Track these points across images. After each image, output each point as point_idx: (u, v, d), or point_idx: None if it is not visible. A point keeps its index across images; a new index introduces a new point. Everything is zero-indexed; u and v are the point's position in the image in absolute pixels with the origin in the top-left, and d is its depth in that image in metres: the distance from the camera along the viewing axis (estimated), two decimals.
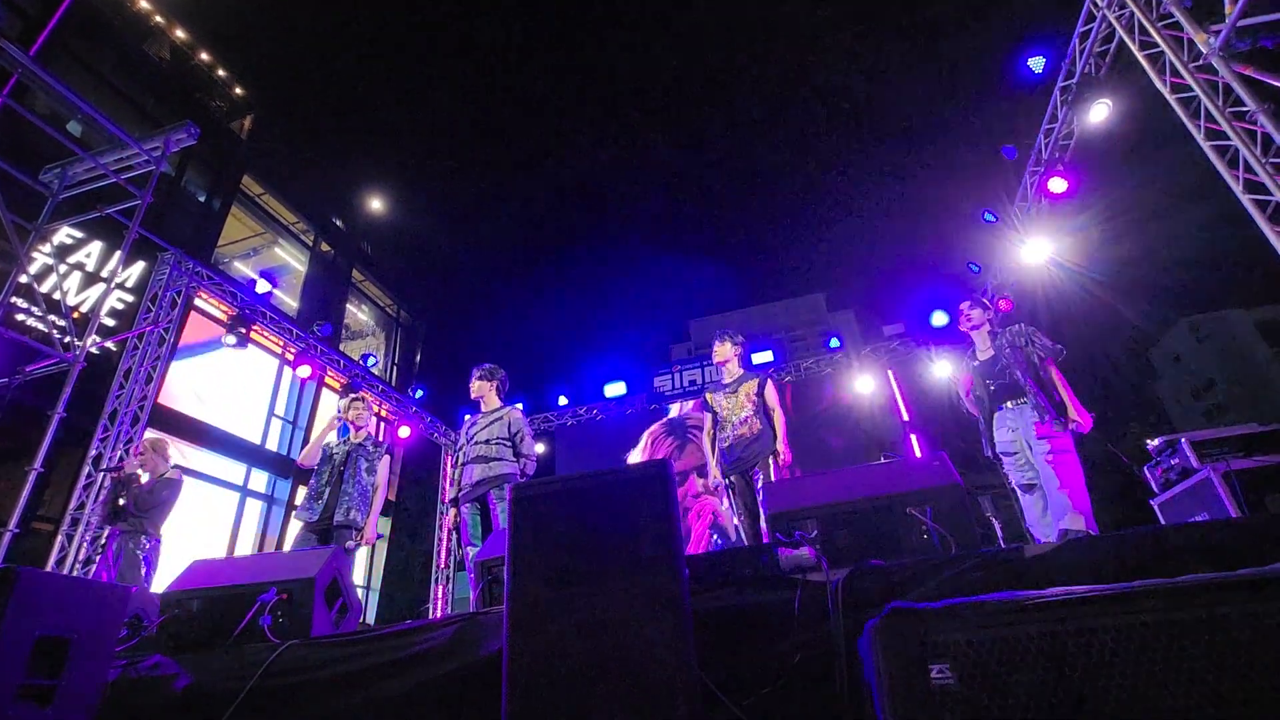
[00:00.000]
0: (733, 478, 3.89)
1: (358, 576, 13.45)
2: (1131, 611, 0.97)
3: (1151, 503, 3.81)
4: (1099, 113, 5.57)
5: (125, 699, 2.05)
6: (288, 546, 10.58)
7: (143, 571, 4.45)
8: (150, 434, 5.83)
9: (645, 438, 10.44)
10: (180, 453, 10.05)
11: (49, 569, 5.49)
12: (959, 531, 1.99)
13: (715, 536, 9.08)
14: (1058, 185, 6.16)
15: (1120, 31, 5.07)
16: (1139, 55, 4.94)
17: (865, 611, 1.68)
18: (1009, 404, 3.56)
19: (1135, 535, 1.89)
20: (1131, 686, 0.92)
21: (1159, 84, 4.81)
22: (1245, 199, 4.28)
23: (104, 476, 5.76)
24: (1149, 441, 3.78)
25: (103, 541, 4.57)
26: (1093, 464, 3.71)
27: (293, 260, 14.88)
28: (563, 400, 10.86)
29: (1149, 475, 3.82)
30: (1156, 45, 4.76)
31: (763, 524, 3.65)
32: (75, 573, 5.57)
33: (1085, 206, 7.32)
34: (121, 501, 4.56)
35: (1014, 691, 0.90)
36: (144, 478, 4.72)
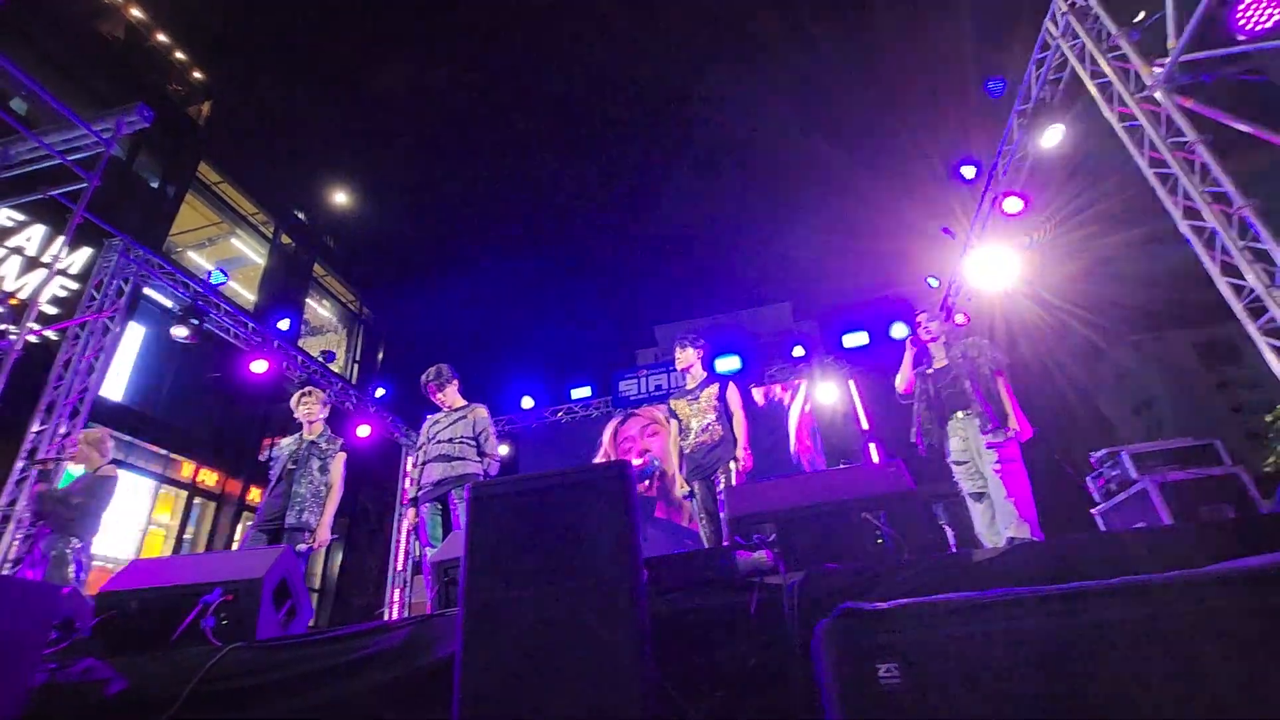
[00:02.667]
0: (694, 483, 3.91)
1: (312, 580, 13.03)
2: (1071, 611, 1.00)
3: (1093, 512, 3.98)
4: (1052, 137, 5.81)
5: (52, 704, 1.94)
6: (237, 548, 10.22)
7: (71, 572, 4.23)
8: (93, 428, 5.54)
9: (605, 431, 10.76)
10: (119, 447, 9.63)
11: None
12: (912, 536, 2.04)
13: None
14: (1013, 205, 6.38)
15: (1072, 60, 5.30)
16: (1089, 84, 5.16)
17: (820, 614, 1.71)
18: (959, 414, 3.69)
19: (1077, 541, 1.97)
20: (1071, 683, 0.96)
21: (1107, 112, 5.04)
22: (1183, 225, 4.51)
23: (35, 471, 5.48)
24: (1092, 453, 3.95)
25: (30, 539, 4.33)
26: (1040, 475, 3.87)
27: (251, 252, 14.42)
28: (527, 402, 10.76)
29: (1091, 485, 3.99)
30: (1105, 75, 4.99)
31: (722, 526, 3.68)
32: (4, 572, 5.27)
33: (1038, 225, 7.61)
34: (49, 495, 4.33)
35: (959, 690, 0.93)
36: (79, 470, 4.49)
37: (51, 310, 9.02)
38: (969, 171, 6.92)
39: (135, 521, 10.15)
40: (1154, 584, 1.09)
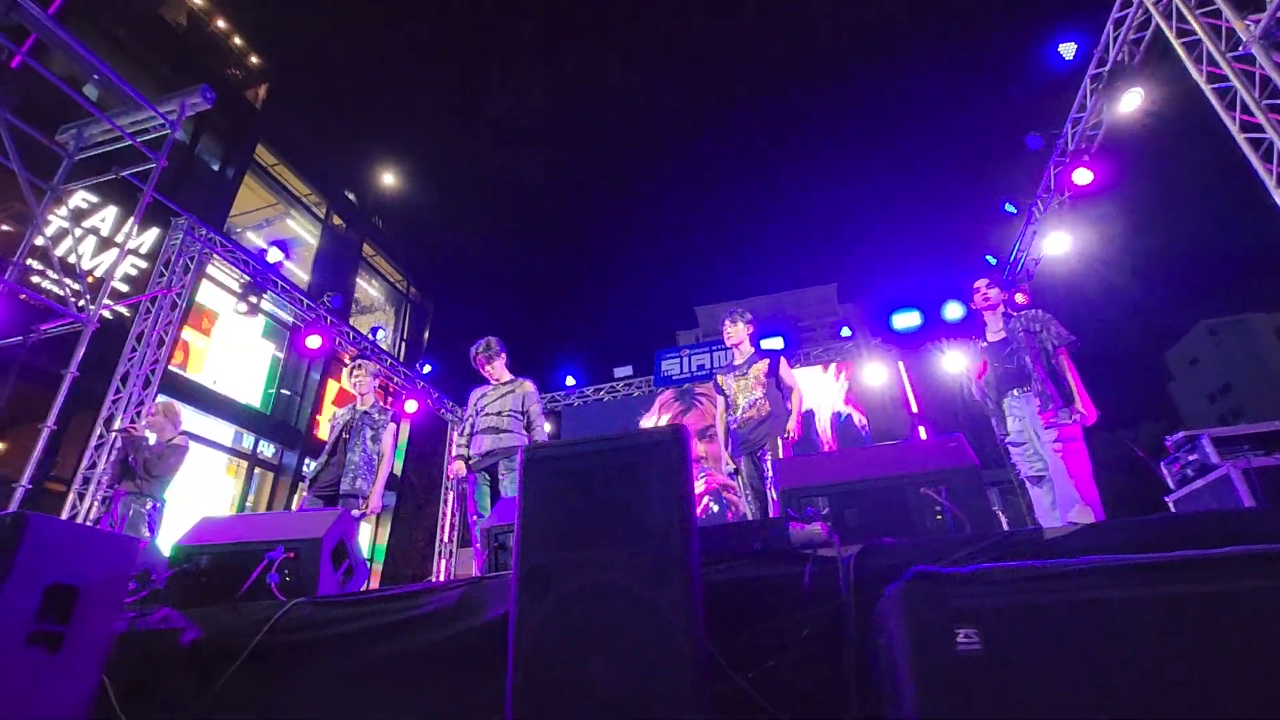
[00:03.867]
0: (740, 459, 3.86)
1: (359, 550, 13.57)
2: (1163, 582, 0.94)
3: (1166, 499, 3.76)
4: (1130, 102, 5.44)
5: (134, 649, 2.06)
6: None
7: (146, 530, 4.52)
8: (163, 398, 5.85)
9: (656, 401, 10.63)
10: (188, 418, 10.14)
11: None
12: (974, 514, 1.96)
13: (712, 503, 9.29)
14: (1083, 177, 6.03)
15: (1157, 18, 4.93)
16: (1175, 43, 4.80)
17: (876, 589, 1.65)
18: (1016, 391, 3.48)
19: (1153, 522, 1.85)
20: (1157, 658, 0.90)
21: (1195, 73, 4.68)
22: (1277, 194, 4.18)
23: (115, 436, 5.82)
24: (1167, 437, 3.71)
25: (108, 505, 4.64)
26: (1106, 460, 3.66)
27: (304, 232, 14.88)
28: (570, 380, 10.87)
29: (1165, 471, 3.77)
30: (1194, 33, 4.63)
31: (769, 503, 3.64)
32: None
33: (1108, 199, 7.18)
34: (130, 461, 4.62)
35: (1039, 660, 0.87)
36: (151, 439, 4.78)
37: (123, 288, 9.52)
38: (1035, 142, 6.56)
39: (213, 489, 10.79)
40: (1254, 555, 1.01)
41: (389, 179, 17.45)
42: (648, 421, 10.54)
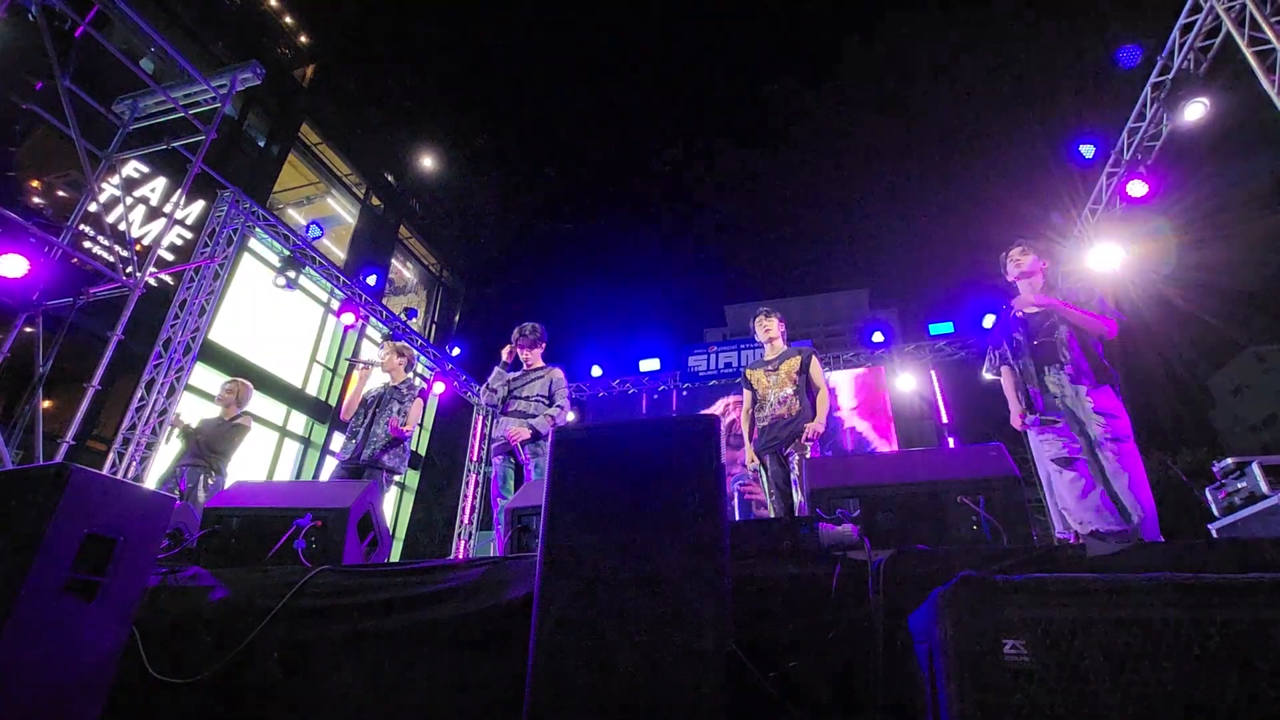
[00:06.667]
0: (766, 457, 3.81)
1: None
2: (1220, 605, 0.88)
3: (1210, 527, 3.61)
4: (1194, 112, 5.20)
5: (164, 604, 2.11)
6: None
7: (204, 500, 4.68)
8: (238, 380, 5.82)
9: (720, 404, 10.30)
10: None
11: None
12: (1011, 526, 1.90)
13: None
14: (1137, 189, 5.81)
15: (1228, 24, 4.71)
16: (1247, 51, 4.58)
17: (907, 595, 1.61)
18: (1048, 370, 3.14)
19: (1205, 545, 1.77)
20: (1209, 683, 0.85)
21: (1266, 83, 4.46)
22: None
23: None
24: (1215, 462, 3.56)
25: (177, 475, 4.81)
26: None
27: (343, 212, 15.15)
28: (596, 371, 10.88)
29: (1209, 498, 3.61)
30: (1268, 41, 4.42)
31: (794, 503, 3.58)
32: None
33: (1161, 213, 6.92)
34: (196, 432, 4.85)
35: (1089, 675, 0.83)
36: (216, 413, 5.03)
37: (169, 257, 9.80)
38: (1088, 151, 6.34)
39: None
40: None
41: (428, 163, 17.64)
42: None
